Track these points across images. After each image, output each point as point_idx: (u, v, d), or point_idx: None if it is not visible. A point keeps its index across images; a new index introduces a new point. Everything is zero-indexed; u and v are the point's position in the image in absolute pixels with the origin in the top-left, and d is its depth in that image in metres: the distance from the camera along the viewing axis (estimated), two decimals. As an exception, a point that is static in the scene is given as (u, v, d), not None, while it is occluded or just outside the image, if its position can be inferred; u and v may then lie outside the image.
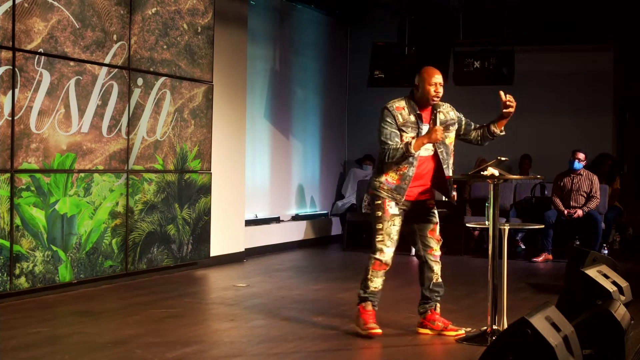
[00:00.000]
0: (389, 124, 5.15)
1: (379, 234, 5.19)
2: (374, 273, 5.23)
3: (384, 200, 5.18)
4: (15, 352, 4.61)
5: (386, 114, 5.19)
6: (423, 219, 5.36)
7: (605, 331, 4.19)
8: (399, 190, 5.18)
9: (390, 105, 5.23)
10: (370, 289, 5.24)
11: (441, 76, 5.28)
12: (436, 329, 5.33)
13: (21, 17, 6.12)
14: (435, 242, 5.39)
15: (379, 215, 5.19)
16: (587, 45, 11.36)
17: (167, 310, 5.94)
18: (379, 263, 5.21)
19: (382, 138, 5.14)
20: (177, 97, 7.91)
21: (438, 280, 5.38)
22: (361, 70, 11.57)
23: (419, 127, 5.19)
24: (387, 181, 5.18)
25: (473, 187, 10.84)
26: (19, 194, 6.16)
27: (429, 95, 5.21)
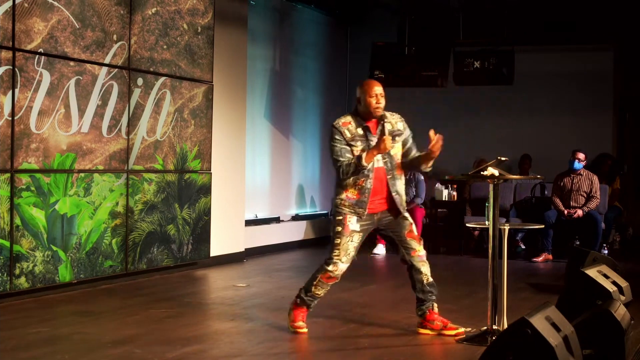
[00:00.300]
0: (338, 141, 5.17)
1: (336, 249, 5.21)
2: (322, 283, 5.28)
3: (345, 216, 5.19)
4: (15, 352, 4.62)
5: (334, 132, 5.20)
6: (395, 224, 5.31)
7: (605, 331, 4.19)
8: (360, 205, 5.18)
9: (337, 122, 5.23)
10: (312, 293, 5.31)
11: (381, 87, 5.22)
12: (436, 329, 5.33)
13: (21, 17, 6.12)
14: (416, 243, 5.33)
15: (339, 230, 5.20)
16: (587, 45, 11.36)
17: (167, 310, 5.94)
18: (329, 275, 5.25)
19: (334, 156, 5.17)
20: (177, 97, 7.91)
21: (429, 281, 5.36)
22: (361, 70, 11.56)
23: (368, 139, 5.19)
24: (347, 197, 5.19)
25: (473, 187, 10.83)
26: (19, 194, 6.16)
27: (371, 107, 5.18)
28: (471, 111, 11.98)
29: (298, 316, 5.33)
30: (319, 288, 5.28)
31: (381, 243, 10.12)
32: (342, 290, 7.16)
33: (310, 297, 5.32)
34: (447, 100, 11.83)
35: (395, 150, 5.27)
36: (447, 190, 10.43)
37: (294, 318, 5.33)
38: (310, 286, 5.30)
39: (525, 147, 11.21)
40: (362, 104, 5.21)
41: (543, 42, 11.43)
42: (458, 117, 12.01)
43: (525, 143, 11.36)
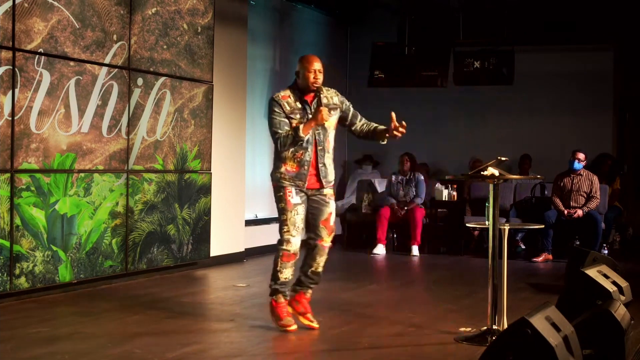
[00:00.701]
0: (277, 114, 5.25)
1: (284, 225, 5.26)
2: (283, 264, 5.30)
3: (285, 191, 5.25)
4: (15, 352, 4.61)
5: (273, 105, 5.28)
6: (317, 207, 5.37)
7: (605, 331, 4.19)
8: (300, 177, 5.27)
9: (276, 95, 5.33)
10: (280, 280, 5.32)
11: (320, 63, 5.32)
12: (297, 311, 5.41)
13: (21, 17, 6.12)
14: (326, 233, 5.39)
15: (282, 206, 5.27)
16: (587, 45, 11.36)
17: (167, 310, 5.94)
18: (287, 254, 5.28)
19: (273, 129, 5.24)
20: (177, 97, 7.91)
21: (317, 270, 5.43)
22: (361, 70, 11.57)
23: (307, 112, 5.28)
24: (287, 170, 5.27)
25: (473, 187, 10.84)
26: (19, 194, 6.16)
27: (309, 81, 5.27)
28: (471, 111, 11.98)
29: (282, 313, 5.33)
30: (284, 271, 5.30)
31: (381, 243, 10.13)
32: (342, 290, 7.17)
33: (281, 284, 5.33)
34: (447, 100, 11.83)
35: (329, 123, 5.34)
36: (447, 190, 10.42)
37: (279, 316, 5.32)
38: (276, 274, 5.32)
39: (525, 147, 11.21)
40: (300, 78, 5.32)
41: (543, 42, 11.43)
42: (458, 117, 12.01)
43: (525, 143, 11.36)
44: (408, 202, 10.24)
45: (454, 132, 12.04)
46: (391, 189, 10.42)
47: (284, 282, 5.32)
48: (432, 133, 12.11)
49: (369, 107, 12.37)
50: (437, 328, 5.49)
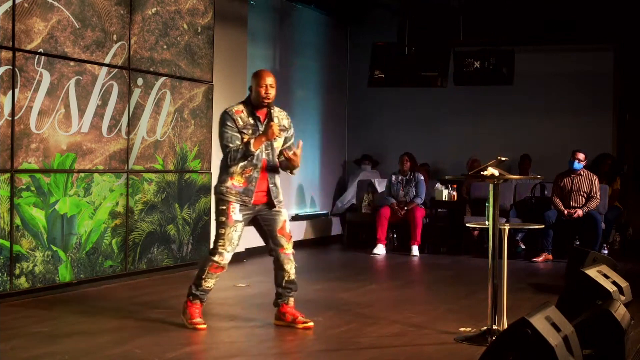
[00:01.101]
0: (229, 127, 5.26)
1: (221, 239, 5.29)
2: (210, 274, 5.35)
3: (229, 205, 5.26)
4: (15, 352, 4.61)
5: (226, 118, 5.29)
6: (270, 218, 5.41)
7: (605, 331, 4.19)
8: (247, 193, 5.28)
9: (230, 109, 5.35)
10: (202, 287, 5.37)
11: (272, 78, 5.36)
12: (286, 321, 5.45)
13: (21, 17, 6.12)
14: (285, 241, 5.43)
15: (223, 220, 5.29)
16: (587, 45, 11.36)
17: (167, 311, 5.94)
18: (216, 266, 5.32)
19: (224, 142, 5.25)
20: (177, 97, 7.91)
21: (290, 278, 5.47)
22: (361, 70, 11.57)
23: (258, 128, 5.31)
24: (233, 185, 5.27)
25: (473, 187, 10.84)
26: (19, 194, 6.16)
27: (260, 96, 5.30)
28: (471, 111, 11.98)
29: (194, 313, 5.36)
30: (208, 280, 5.35)
31: (381, 243, 10.13)
32: (342, 290, 7.17)
33: (202, 291, 5.37)
34: (447, 100, 11.83)
35: (277, 144, 5.38)
36: (447, 190, 10.42)
37: (191, 315, 5.35)
38: (200, 280, 5.35)
39: (525, 147, 11.21)
40: (253, 92, 5.34)
41: (543, 42, 11.43)
42: (458, 117, 12.01)
43: (525, 143, 11.36)
44: (408, 202, 10.24)
45: (454, 132, 12.04)
46: (391, 189, 10.42)
47: (205, 290, 5.38)
48: (432, 133, 12.11)
49: (369, 107, 12.49)
50: (437, 328, 5.49)
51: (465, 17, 10.90)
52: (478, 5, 10.99)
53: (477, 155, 10.91)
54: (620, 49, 11.47)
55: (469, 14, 10.94)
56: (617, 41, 11.34)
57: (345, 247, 10.85)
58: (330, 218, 11.79)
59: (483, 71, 10.61)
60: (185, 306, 5.41)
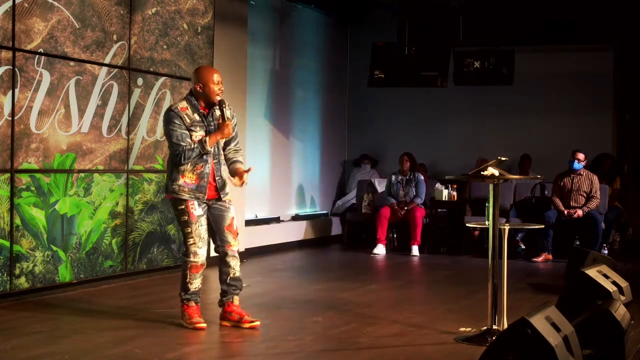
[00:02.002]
0: (177, 125, 5.20)
1: (190, 238, 5.28)
2: (192, 276, 5.35)
3: (187, 203, 5.24)
4: (15, 352, 4.61)
5: (173, 116, 5.21)
6: (218, 214, 5.38)
7: (605, 331, 4.19)
8: (200, 189, 5.27)
9: (175, 107, 5.26)
10: (191, 290, 5.37)
11: (219, 75, 5.36)
12: (233, 320, 5.41)
13: (21, 17, 6.12)
14: (232, 237, 5.40)
15: (185, 219, 5.26)
16: (587, 45, 11.36)
17: (167, 310, 5.94)
18: (195, 265, 5.32)
19: (174, 140, 5.18)
20: (177, 97, 7.90)
21: (236, 275, 5.44)
22: (361, 70, 11.57)
23: (206, 125, 5.28)
24: (185, 183, 5.24)
25: (473, 187, 10.84)
26: (19, 194, 6.16)
27: (214, 94, 5.28)
28: (471, 111, 11.98)
29: (193, 314, 5.35)
30: (193, 282, 5.35)
31: (381, 243, 10.13)
32: (342, 290, 7.17)
33: (192, 294, 5.37)
34: (447, 100, 11.83)
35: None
36: (447, 190, 10.42)
37: (190, 316, 5.34)
38: (186, 285, 5.35)
39: (525, 147, 11.21)
40: (202, 90, 5.27)
41: (543, 42, 11.42)
42: (458, 117, 12.01)
43: (525, 143, 11.36)
44: (408, 202, 10.24)
45: (454, 132, 12.04)
46: (391, 189, 10.42)
47: (194, 292, 5.38)
48: (432, 133, 12.11)
49: (369, 107, 12.49)
50: (437, 328, 5.49)
51: (465, 17, 10.90)
52: (478, 5, 10.99)
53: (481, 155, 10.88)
54: (620, 49, 11.47)
55: (469, 14, 10.94)
56: (617, 41, 11.34)
57: (345, 247, 10.85)
58: (330, 218, 11.79)
59: (483, 71, 10.61)
60: (182, 309, 5.40)
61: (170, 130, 5.20)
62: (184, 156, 5.19)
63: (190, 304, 5.38)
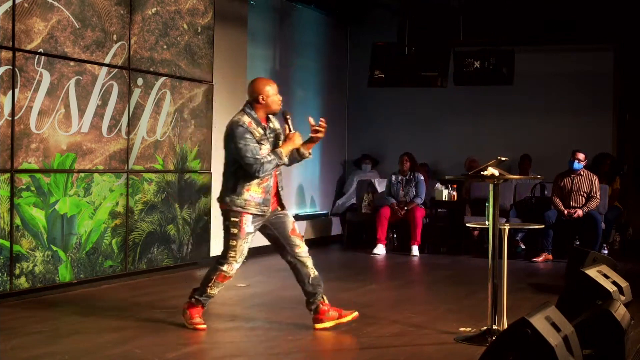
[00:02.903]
0: (250, 140, 5.14)
1: (232, 250, 5.25)
2: (217, 283, 5.34)
3: (242, 218, 5.20)
4: (15, 352, 4.61)
5: (243, 132, 5.15)
6: (280, 223, 5.37)
7: (605, 331, 4.19)
8: (265, 203, 5.24)
9: (242, 122, 5.19)
10: (207, 294, 5.36)
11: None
12: (332, 319, 5.36)
13: (21, 17, 6.12)
14: (299, 240, 5.38)
15: (235, 232, 5.23)
16: (587, 45, 11.36)
17: (167, 311, 5.94)
18: (225, 276, 5.32)
19: (249, 155, 5.10)
20: (177, 97, 7.91)
21: (315, 274, 5.39)
22: (361, 70, 11.57)
23: (266, 137, 5.26)
24: (252, 197, 5.19)
25: (473, 187, 10.83)
26: (19, 194, 6.16)
27: (275, 105, 5.28)
28: (471, 111, 11.98)
29: (194, 314, 5.36)
30: (214, 288, 5.35)
31: (381, 243, 10.13)
32: (342, 290, 7.17)
33: (206, 297, 5.37)
34: (447, 100, 11.82)
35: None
36: (447, 190, 10.42)
37: (191, 316, 5.35)
38: (206, 288, 5.33)
39: (525, 147, 11.21)
40: (264, 102, 5.24)
41: (543, 42, 11.42)
42: (458, 117, 12.01)
43: (525, 143, 11.35)
44: (408, 202, 10.24)
45: (454, 132, 12.04)
46: (391, 189, 10.42)
47: (208, 297, 5.38)
48: (432, 133, 12.11)
49: (369, 107, 12.48)
50: (437, 328, 5.49)
51: (465, 17, 10.90)
52: (478, 5, 10.99)
53: (476, 155, 10.91)
54: (620, 49, 11.47)
55: (469, 14, 10.94)
56: (617, 41, 11.34)
57: (345, 247, 10.85)
58: (330, 218, 11.78)
59: (483, 71, 10.61)
60: (186, 307, 5.40)
61: (244, 145, 5.10)
62: (262, 169, 5.12)
63: (197, 305, 5.37)
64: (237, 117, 5.26)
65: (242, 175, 5.19)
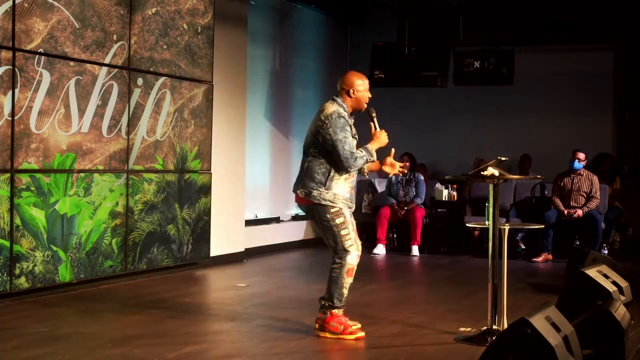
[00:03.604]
0: (349, 133, 5.03)
1: (347, 239, 5.07)
2: (348, 280, 5.14)
3: (341, 208, 5.08)
4: (15, 352, 4.61)
5: (344, 123, 5.02)
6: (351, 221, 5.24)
7: (605, 331, 4.19)
8: (352, 199, 5.16)
9: (342, 113, 5.05)
10: (344, 297, 5.14)
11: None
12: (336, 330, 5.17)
13: (21, 17, 6.12)
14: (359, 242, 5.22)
15: (342, 221, 5.05)
16: (587, 45, 11.36)
17: (167, 311, 5.94)
18: (352, 269, 5.13)
19: (346, 148, 4.96)
20: (177, 97, 7.91)
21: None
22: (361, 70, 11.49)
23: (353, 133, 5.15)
24: (340, 191, 5.07)
25: (473, 187, 10.84)
26: (19, 194, 6.16)
27: (363, 102, 5.18)
28: (471, 111, 11.98)
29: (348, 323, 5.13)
30: (347, 286, 5.14)
31: (381, 243, 10.13)
32: (342, 290, 7.16)
33: (344, 302, 5.16)
34: (447, 100, 11.82)
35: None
36: (447, 190, 10.43)
37: (345, 327, 5.11)
38: (341, 291, 5.11)
39: (525, 147, 11.21)
40: (354, 96, 5.14)
41: (543, 42, 11.43)
42: (458, 117, 12.01)
43: (525, 143, 11.36)
44: (408, 202, 10.24)
45: (454, 132, 12.04)
46: (391, 189, 10.42)
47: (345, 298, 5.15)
48: (432, 133, 12.11)
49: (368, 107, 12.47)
50: (437, 328, 5.49)
51: (465, 17, 10.91)
52: (478, 5, 11.00)
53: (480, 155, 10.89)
54: (620, 49, 11.47)
55: (469, 14, 10.94)
56: (617, 41, 11.34)
57: (345, 247, 10.82)
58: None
59: (483, 71, 10.62)
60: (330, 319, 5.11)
61: (344, 137, 4.97)
62: (354, 165, 5.00)
63: (339, 311, 5.12)
64: (334, 107, 5.08)
65: (330, 168, 5.04)
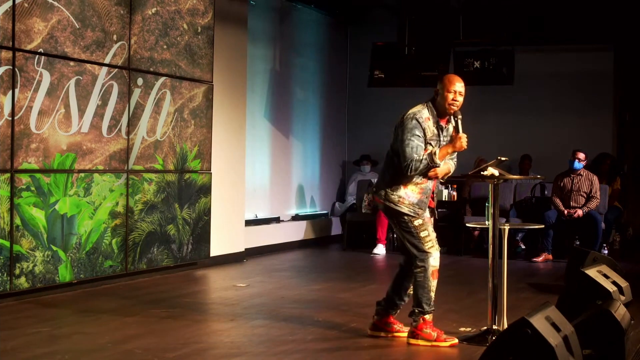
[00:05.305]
0: (417, 137, 4.86)
1: (428, 241, 4.97)
2: (434, 283, 5.03)
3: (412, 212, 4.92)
4: (15, 352, 4.62)
5: (416, 126, 4.88)
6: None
7: (605, 331, 4.19)
8: (420, 205, 4.96)
9: (419, 115, 4.92)
10: (432, 299, 5.01)
11: (462, 84, 5.03)
12: (392, 331, 5.20)
13: (21, 17, 6.12)
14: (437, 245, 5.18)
15: (420, 223, 4.93)
16: (587, 45, 11.35)
17: (167, 310, 5.94)
18: (437, 270, 5.05)
19: (408, 150, 4.82)
20: (177, 97, 7.91)
21: (410, 291, 5.21)
22: (361, 70, 11.57)
23: (440, 140, 4.99)
24: (407, 195, 4.92)
25: (473, 187, 10.83)
26: (19, 194, 6.16)
27: (447, 101, 4.94)
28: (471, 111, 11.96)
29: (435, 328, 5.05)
30: (433, 289, 5.04)
31: (381, 243, 10.12)
32: (342, 290, 7.17)
33: (434, 305, 5.05)
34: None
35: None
36: (447, 190, 10.42)
37: (438, 334, 5.01)
38: (429, 295, 5.00)
39: (525, 147, 11.21)
40: (439, 97, 4.98)
41: (543, 42, 11.43)
42: (458, 117, 11.99)
43: (525, 143, 11.35)
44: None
45: (454, 132, 12.02)
46: (391, 189, 10.40)
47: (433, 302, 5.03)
48: (432, 133, 12.08)
49: (369, 107, 12.48)
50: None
51: (465, 17, 10.90)
52: (478, 5, 10.99)
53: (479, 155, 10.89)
54: (620, 49, 11.47)
55: (469, 14, 10.94)
56: (617, 41, 11.34)
57: (345, 247, 10.85)
58: (330, 218, 11.79)
59: (483, 71, 10.62)
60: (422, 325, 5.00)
61: (409, 139, 4.83)
62: (412, 168, 4.82)
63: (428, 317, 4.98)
64: (418, 108, 4.99)
65: (398, 170, 4.93)
